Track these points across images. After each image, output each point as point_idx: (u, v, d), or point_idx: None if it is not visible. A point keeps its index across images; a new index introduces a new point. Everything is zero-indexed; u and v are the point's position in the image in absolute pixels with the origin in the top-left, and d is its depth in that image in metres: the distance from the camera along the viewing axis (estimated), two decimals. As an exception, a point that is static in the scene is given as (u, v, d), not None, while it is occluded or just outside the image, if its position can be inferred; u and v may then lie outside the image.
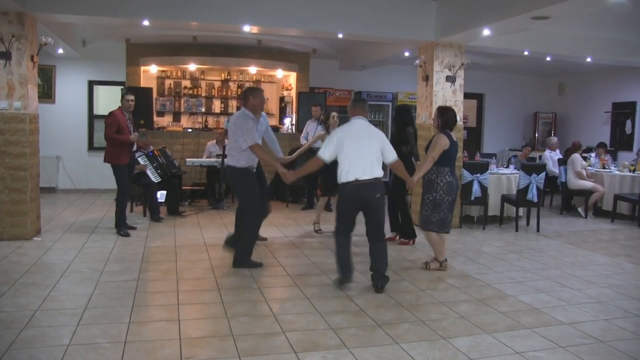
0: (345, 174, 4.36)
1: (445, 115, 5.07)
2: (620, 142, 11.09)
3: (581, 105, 12.14)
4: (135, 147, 6.66)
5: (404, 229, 6.31)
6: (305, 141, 8.12)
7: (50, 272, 4.80)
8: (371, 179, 4.34)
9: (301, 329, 3.60)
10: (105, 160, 6.43)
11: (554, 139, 10.03)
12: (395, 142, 5.76)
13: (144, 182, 7.53)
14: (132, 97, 6.54)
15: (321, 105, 8.36)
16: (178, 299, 4.14)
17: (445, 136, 4.98)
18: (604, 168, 8.85)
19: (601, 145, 9.55)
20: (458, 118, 7.33)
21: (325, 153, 4.44)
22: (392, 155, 4.49)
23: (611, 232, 7.44)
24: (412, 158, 6.14)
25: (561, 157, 9.50)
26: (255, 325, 3.67)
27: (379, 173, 4.41)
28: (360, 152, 4.34)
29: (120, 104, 6.55)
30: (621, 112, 11.08)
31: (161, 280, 4.68)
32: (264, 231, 6.44)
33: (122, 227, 6.44)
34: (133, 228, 6.69)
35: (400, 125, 6.23)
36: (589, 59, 8.56)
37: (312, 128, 8.20)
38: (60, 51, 9.02)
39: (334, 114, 6.83)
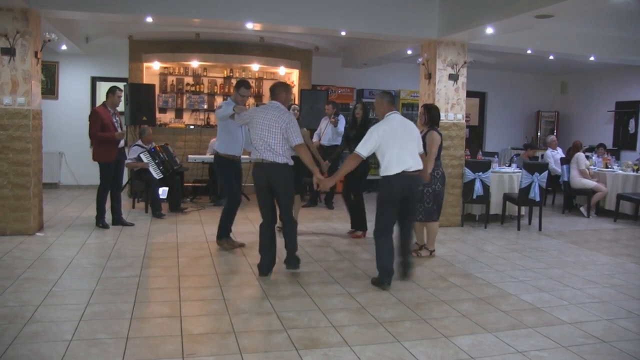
0: (392, 167, 4.39)
1: (431, 112, 5.46)
2: (623, 141, 11.06)
3: (584, 104, 12.11)
4: (122, 144, 6.62)
5: (360, 221, 6.48)
6: (318, 138, 8.18)
7: (53, 268, 4.82)
8: (416, 171, 4.52)
9: (303, 326, 3.60)
10: (94, 159, 6.44)
11: (552, 138, 10.00)
12: (357, 139, 6.10)
13: (145, 178, 7.54)
14: (121, 93, 6.51)
15: (333, 103, 8.38)
16: (180, 296, 4.15)
17: (436, 132, 5.35)
18: (606, 167, 8.83)
19: (601, 145, 9.55)
20: (460, 116, 7.39)
21: (365, 149, 4.42)
22: (421, 148, 4.72)
23: (614, 232, 7.42)
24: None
25: (563, 156, 9.48)
26: (257, 322, 3.68)
27: (421, 165, 4.59)
28: (405, 145, 4.47)
29: (105, 100, 6.46)
30: (624, 111, 11.04)
31: (163, 276, 4.69)
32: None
33: (100, 219, 6.53)
34: (130, 224, 6.70)
35: (366, 123, 6.28)
36: (592, 58, 8.53)
37: (323, 126, 8.27)
38: (64, 47, 9.03)
39: (295, 106, 7.03)
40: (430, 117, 5.41)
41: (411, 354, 3.21)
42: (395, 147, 4.40)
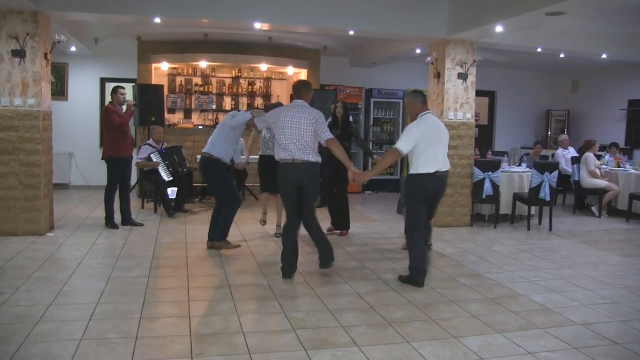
0: (428, 166, 4.44)
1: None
2: (636, 140, 10.91)
3: (596, 103, 11.98)
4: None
5: (346, 220, 6.55)
6: None
7: (63, 268, 4.86)
8: (446, 172, 4.60)
9: (311, 326, 3.59)
10: (105, 156, 6.47)
11: (564, 137, 9.91)
12: (340, 139, 6.19)
13: (154, 179, 7.58)
14: (124, 91, 6.61)
15: (336, 103, 8.38)
16: (189, 296, 4.16)
17: None
18: (618, 167, 8.72)
19: (614, 145, 9.43)
20: (469, 116, 7.34)
21: (406, 146, 4.44)
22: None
23: (626, 232, 7.33)
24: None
25: (575, 155, 9.38)
26: (266, 322, 3.67)
27: (449, 166, 4.67)
28: (439, 146, 4.53)
29: (111, 100, 6.57)
30: (638, 109, 10.90)
31: (172, 276, 4.70)
32: (270, 228, 6.48)
33: (109, 220, 6.57)
34: (140, 225, 6.72)
35: (347, 122, 6.45)
36: (604, 56, 8.43)
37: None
38: (73, 49, 9.09)
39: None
40: None
41: (420, 354, 3.19)
42: (433, 147, 4.47)
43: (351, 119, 7.10)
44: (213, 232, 5.64)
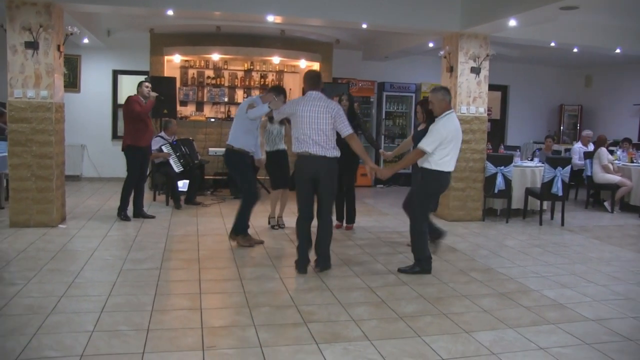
0: (449, 164, 4.60)
1: (428, 107, 5.32)
2: (650, 135, 10.78)
3: (609, 98, 11.83)
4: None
5: (352, 213, 6.53)
6: None
7: (75, 259, 4.89)
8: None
9: (323, 320, 3.59)
10: (124, 145, 6.48)
11: (587, 132, 9.70)
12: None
13: (164, 171, 7.61)
14: (149, 84, 6.71)
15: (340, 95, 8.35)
16: (200, 288, 4.17)
17: None
18: (632, 162, 8.61)
19: (626, 140, 9.30)
20: (482, 110, 7.29)
21: (432, 146, 4.50)
22: None
23: (639, 228, 7.24)
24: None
25: (589, 150, 9.26)
26: (277, 315, 3.68)
27: None
28: (457, 145, 4.67)
29: (136, 92, 6.63)
30: (652, 105, 10.75)
31: (183, 269, 4.73)
32: (288, 222, 6.48)
33: (122, 211, 6.57)
34: (151, 217, 6.76)
35: (353, 114, 6.30)
36: (618, 50, 8.32)
37: None
38: (86, 41, 9.14)
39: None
40: (429, 113, 5.25)
41: (432, 349, 3.18)
42: (455, 146, 4.59)
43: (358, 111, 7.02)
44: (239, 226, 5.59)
